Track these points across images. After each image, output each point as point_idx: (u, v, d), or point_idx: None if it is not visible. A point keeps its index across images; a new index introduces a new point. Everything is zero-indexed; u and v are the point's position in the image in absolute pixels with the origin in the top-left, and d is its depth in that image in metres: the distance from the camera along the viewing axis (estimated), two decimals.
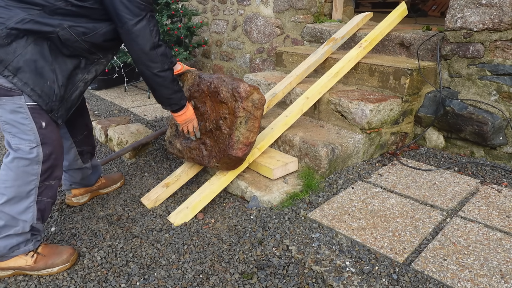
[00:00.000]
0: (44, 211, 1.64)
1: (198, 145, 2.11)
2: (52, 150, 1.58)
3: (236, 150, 1.96)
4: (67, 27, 1.52)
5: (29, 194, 1.58)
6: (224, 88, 1.98)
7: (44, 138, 1.55)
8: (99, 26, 1.59)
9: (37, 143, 1.53)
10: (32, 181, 1.57)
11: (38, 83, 1.48)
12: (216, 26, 4.58)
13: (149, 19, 1.59)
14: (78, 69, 1.62)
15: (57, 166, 1.63)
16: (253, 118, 1.97)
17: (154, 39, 1.61)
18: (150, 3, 1.61)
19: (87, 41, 1.58)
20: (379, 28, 2.83)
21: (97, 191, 2.27)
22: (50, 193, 1.65)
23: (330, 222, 1.86)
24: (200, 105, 2.11)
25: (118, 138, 2.85)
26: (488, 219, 1.84)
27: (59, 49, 1.54)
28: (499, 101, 2.39)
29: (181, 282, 1.59)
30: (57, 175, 1.66)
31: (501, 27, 2.29)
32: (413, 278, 1.51)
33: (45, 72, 1.50)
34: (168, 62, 1.71)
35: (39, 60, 1.49)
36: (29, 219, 1.59)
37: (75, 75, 1.61)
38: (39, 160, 1.55)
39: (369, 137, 2.43)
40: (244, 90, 1.93)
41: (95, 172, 2.20)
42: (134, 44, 1.60)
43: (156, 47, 1.63)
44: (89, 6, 1.55)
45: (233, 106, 1.95)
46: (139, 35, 1.58)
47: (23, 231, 1.60)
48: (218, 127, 2.01)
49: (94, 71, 1.69)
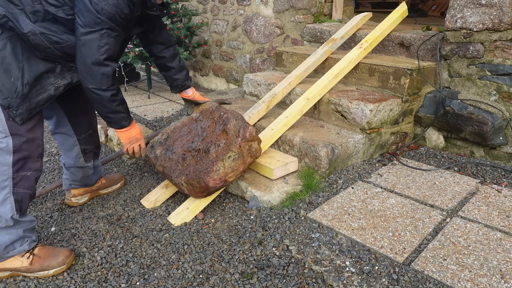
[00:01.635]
0: (21, 202, 1.63)
1: (177, 158, 2.10)
2: (23, 140, 1.58)
3: (210, 178, 1.92)
4: (38, 33, 1.53)
5: (3, 185, 1.58)
6: (234, 121, 2.04)
7: (13, 130, 1.56)
8: (73, 39, 1.60)
9: (6, 133, 1.55)
10: (4, 171, 1.57)
11: (0, 77, 1.50)
12: (216, 26, 4.58)
13: (103, 35, 1.58)
14: (51, 73, 1.63)
15: (30, 157, 1.63)
16: (242, 160, 2.00)
17: (99, 56, 1.59)
18: (113, 20, 1.58)
19: (60, 50, 1.60)
20: (380, 29, 2.83)
21: (96, 191, 2.27)
22: (27, 184, 1.64)
23: (330, 222, 1.86)
24: (203, 127, 2.15)
25: (118, 138, 2.85)
26: (488, 219, 1.85)
27: (32, 51, 1.57)
28: (499, 101, 2.39)
29: (181, 282, 1.59)
30: (32, 167, 1.64)
31: (501, 27, 2.29)
32: (413, 278, 1.51)
33: (11, 68, 1.52)
34: (108, 83, 1.66)
35: (8, 56, 1.52)
36: (7, 210, 1.59)
37: (46, 78, 1.62)
38: (9, 150, 1.56)
39: (369, 137, 2.43)
40: (250, 132, 1.99)
41: (96, 173, 2.20)
42: (78, 52, 1.61)
43: (98, 64, 1.61)
44: (63, 17, 1.57)
45: (231, 140, 1.99)
46: (85, 45, 1.57)
47: (7, 225, 1.61)
48: (207, 150, 2.01)
49: (70, 78, 1.69)
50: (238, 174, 2.01)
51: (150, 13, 1.79)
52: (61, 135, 1.99)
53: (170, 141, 2.23)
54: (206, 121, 2.17)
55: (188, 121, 2.27)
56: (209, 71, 4.88)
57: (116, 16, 1.59)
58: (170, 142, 2.22)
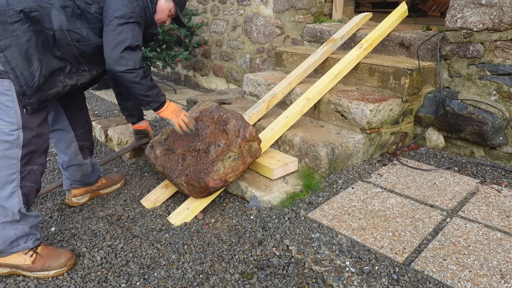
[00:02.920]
0: (28, 195, 1.65)
1: (177, 158, 2.10)
2: (33, 135, 1.61)
3: (210, 178, 1.92)
4: (65, 29, 1.62)
5: (12, 178, 1.59)
6: (234, 121, 2.04)
7: (26, 123, 1.58)
8: (93, 38, 1.73)
9: (18, 126, 1.56)
10: (13, 165, 1.58)
11: (21, 65, 1.52)
12: (216, 26, 4.58)
13: (135, 26, 1.76)
14: (62, 72, 1.69)
15: (37, 151, 1.65)
16: (242, 160, 2.00)
17: (134, 42, 1.75)
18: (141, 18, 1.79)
19: (79, 48, 1.69)
20: (380, 29, 2.83)
21: (97, 191, 2.27)
22: (33, 178, 1.66)
23: (330, 222, 1.86)
24: (203, 127, 2.15)
25: (118, 138, 2.85)
26: (488, 219, 1.84)
27: (51, 48, 1.62)
28: (499, 101, 2.39)
29: (181, 282, 1.59)
30: (38, 161, 1.67)
31: (501, 27, 2.29)
32: (413, 278, 1.51)
33: (33, 59, 1.56)
34: (141, 64, 1.80)
35: (32, 47, 1.55)
36: (15, 204, 1.60)
37: (57, 75, 1.67)
38: (19, 143, 1.57)
39: (369, 137, 2.43)
40: (250, 132, 2.00)
41: (95, 171, 2.21)
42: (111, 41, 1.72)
43: (133, 49, 1.75)
44: (92, 13, 1.70)
45: (231, 140, 1.99)
46: (121, 33, 1.71)
47: (14, 219, 1.61)
48: (207, 151, 2.01)
49: (76, 80, 1.75)
50: (238, 174, 2.01)
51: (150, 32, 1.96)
52: (59, 131, 2.00)
53: (170, 141, 2.23)
54: (206, 121, 2.17)
55: None
56: (209, 71, 4.88)
57: (143, 16, 1.81)
58: (170, 142, 2.22)
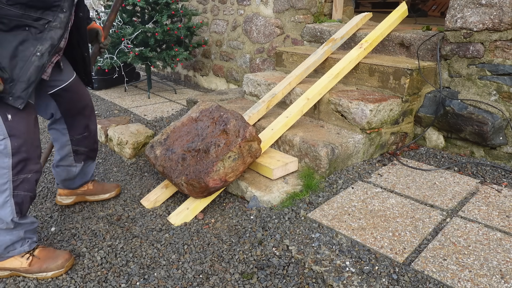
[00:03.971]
0: (22, 204, 1.60)
1: (177, 158, 2.09)
2: (21, 142, 1.53)
3: (210, 178, 1.92)
4: None
5: (3, 188, 1.55)
6: (234, 121, 2.04)
7: (12, 130, 1.50)
8: None
9: (4, 135, 1.49)
10: (3, 174, 1.53)
11: None
12: (216, 26, 4.58)
13: None
14: (27, 42, 1.47)
15: (30, 159, 1.58)
16: (242, 161, 2.00)
17: None
18: None
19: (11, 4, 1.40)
20: (380, 29, 2.83)
21: (83, 196, 2.17)
22: (27, 186, 1.60)
23: (330, 222, 1.86)
24: (203, 127, 2.15)
25: (118, 138, 2.85)
26: (488, 219, 1.84)
27: None
28: (499, 101, 2.39)
29: (181, 282, 1.59)
30: (33, 168, 1.60)
31: (501, 27, 2.29)
32: (413, 278, 1.51)
33: None
34: None
35: None
36: (7, 213, 1.57)
37: (23, 50, 1.47)
38: (7, 152, 1.51)
39: (369, 137, 2.43)
40: (250, 132, 2.00)
41: (81, 177, 2.10)
42: None
43: None
44: None
45: (231, 140, 1.99)
46: None
47: (8, 227, 1.59)
48: (207, 150, 2.00)
49: (50, 39, 1.52)
50: (238, 174, 2.01)
51: None
52: (56, 131, 1.96)
53: (170, 141, 2.23)
54: (206, 121, 2.17)
55: (188, 121, 2.27)
56: (209, 71, 4.88)
57: None
58: (170, 142, 2.22)
